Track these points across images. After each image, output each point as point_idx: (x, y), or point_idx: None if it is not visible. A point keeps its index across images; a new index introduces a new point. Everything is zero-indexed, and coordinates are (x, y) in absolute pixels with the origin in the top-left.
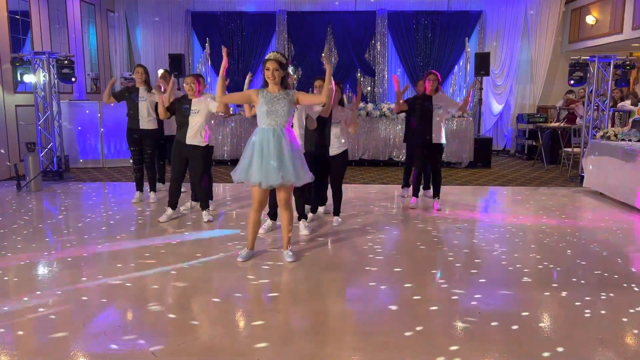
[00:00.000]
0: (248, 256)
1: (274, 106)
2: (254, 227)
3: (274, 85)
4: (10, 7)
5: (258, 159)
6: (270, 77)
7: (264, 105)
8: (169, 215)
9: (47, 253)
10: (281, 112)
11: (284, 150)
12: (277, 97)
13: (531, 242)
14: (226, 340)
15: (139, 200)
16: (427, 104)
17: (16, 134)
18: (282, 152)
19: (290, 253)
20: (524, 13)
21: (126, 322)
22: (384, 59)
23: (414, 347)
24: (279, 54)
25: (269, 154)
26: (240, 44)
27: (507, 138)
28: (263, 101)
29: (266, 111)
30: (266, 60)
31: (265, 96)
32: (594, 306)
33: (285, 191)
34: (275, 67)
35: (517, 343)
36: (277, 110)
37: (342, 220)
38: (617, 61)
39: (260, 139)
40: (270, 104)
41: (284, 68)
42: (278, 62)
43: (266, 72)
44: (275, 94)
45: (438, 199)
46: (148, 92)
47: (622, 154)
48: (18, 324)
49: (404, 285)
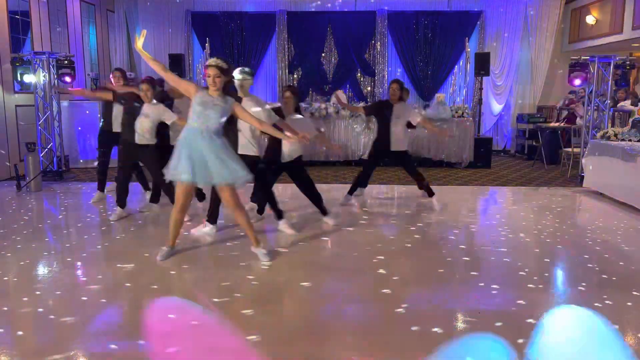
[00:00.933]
0: (168, 254)
1: (206, 110)
2: (176, 227)
3: (215, 91)
4: (10, 7)
5: (185, 157)
6: (211, 83)
7: (198, 105)
8: (119, 215)
9: (47, 253)
10: (212, 118)
11: (213, 150)
12: (213, 102)
13: (531, 242)
14: (226, 340)
15: (98, 200)
16: (387, 112)
17: (16, 134)
18: (210, 152)
19: (264, 252)
20: (524, 13)
21: (126, 322)
22: (384, 59)
23: (414, 347)
24: (221, 59)
25: (197, 152)
26: (240, 44)
27: (507, 138)
28: (199, 101)
29: (198, 112)
30: (207, 66)
31: (202, 97)
32: (594, 306)
33: (226, 192)
34: (216, 73)
35: (517, 343)
36: (207, 115)
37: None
38: (617, 61)
39: (188, 138)
40: (204, 106)
41: (225, 74)
42: (219, 69)
43: (207, 78)
44: (212, 99)
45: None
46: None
47: (622, 154)
48: (18, 324)
49: (404, 285)
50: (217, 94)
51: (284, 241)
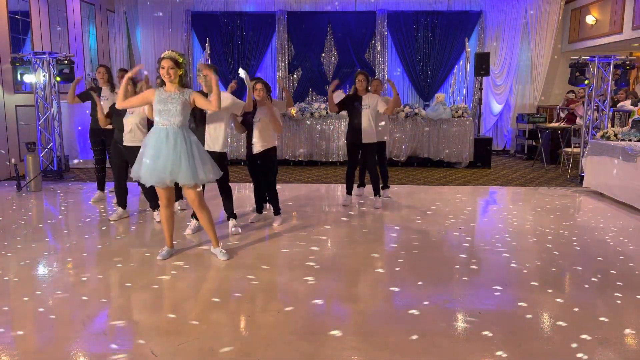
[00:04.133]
0: (168, 254)
1: (166, 105)
2: (168, 223)
3: (170, 84)
4: (10, 7)
5: (148, 159)
6: (165, 75)
7: (157, 104)
8: (120, 215)
9: (47, 253)
10: (173, 112)
11: (178, 150)
12: (171, 96)
13: (531, 242)
14: (226, 340)
15: (98, 199)
16: (357, 104)
17: (16, 134)
18: (176, 152)
19: (223, 251)
20: (524, 13)
21: (126, 322)
22: (384, 59)
23: (414, 347)
24: (175, 52)
25: (160, 153)
26: (240, 44)
27: (507, 138)
28: (157, 100)
29: (159, 110)
30: (161, 59)
31: (159, 94)
32: (594, 306)
33: (191, 192)
34: (170, 65)
35: (517, 343)
36: (169, 110)
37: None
38: (617, 61)
39: (154, 139)
40: (164, 103)
41: (180, 66)
42: (173, 61)
43: (161, 70)
44: (170, 93)
45: (379, 197)
46: (111, 92)
47: (622, 154)
48: (18, 324)
49: (404, 285)
50: (174, 87)
51: (284, 241)
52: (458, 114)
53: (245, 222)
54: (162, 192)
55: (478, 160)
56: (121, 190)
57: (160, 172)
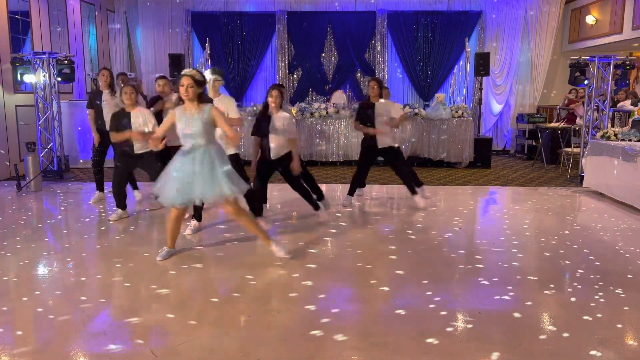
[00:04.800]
0: (168, 255)
1: (188, 127)
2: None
3: (189, 103)
4: (10, 7)
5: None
6: (184, 94)
7: (180, 127)
8: (119, 215)
9: (47, 253)
10: (197, 132)
11: (204, 171)
12: (192, 117)
13: (531, 242)
14: (226, 340)
15: (98, 199)
16: (370, 111)
17: (16, 134)
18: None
19: (278, 247)
20: (524, 13)
21: (126, 322)
22: (384, 59)
23: (414, 347)
24: (196, 70)
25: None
26: (240, 44)
27: (507, 138)
28: (180, 123)
29: (182, 132)
30: (181, 76)
31: (179, 115)
32: (594, 306)
33: (228, 206)
34: (190, 83)
35: (517, 343)
36: (191, 133)
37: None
38: (617, 61)
39: (179, 161)
40: (186, 125)
41: (199, 85)
42: (193, 79)
43: (180, 88)
44: (190, 114)
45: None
46: (111, 95)
47: (622, 154)
48: (18, 324)
49: (404, 285)
50: (193, 105)
51: (283, 241)
52: (458, 114)
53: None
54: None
55: (478, 160)
56: (121, 194)
57: (186, 194)
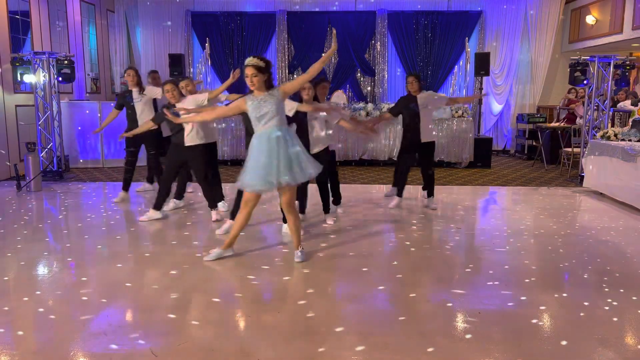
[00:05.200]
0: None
1: (261, 110)
2: (243, 224)
3: (257, 91)
4: (10, 7)
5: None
6: (250, 84)
7: (252, 111)
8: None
9: (47, 253)
10: (270, 114)
11: (280, 152)
12: (263, 99)
13: (531, 242)
14: (226, 340)
15: (122, 199)
16: (413, 104)
17: (16, 134)
18: (278, 154)
19: (298, 253)
20: (524, 13)
21: (126, 322)
22: (384, 59)
23: (414, 347)
24: (257, 58)
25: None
26: (240, 44)
27: (507, 138)
28: (251, 107)
29: (255, 117)
30: (245, 66)
31: (252, 101)
32: (594, 306)
33: (287, 193)
34: (253, 72)
35: (517, 343)
36: (266, 113)
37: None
38: (617, 61)
39: (256, 145)
40: (258, 109)
41: (263, 72)
42: (256, 68)
43: (246, 79)
44: (260, 97)
45: (432, 198)
46: (140, 94)
47: (622, 154)
48: (18, 324)
49: (404, 285)
50: (262, 92)
51: (284, 241)
52: (458, 114)
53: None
54: (250, 200)
55: (478, 160)
56: (167, 192)
57: (265, 177)
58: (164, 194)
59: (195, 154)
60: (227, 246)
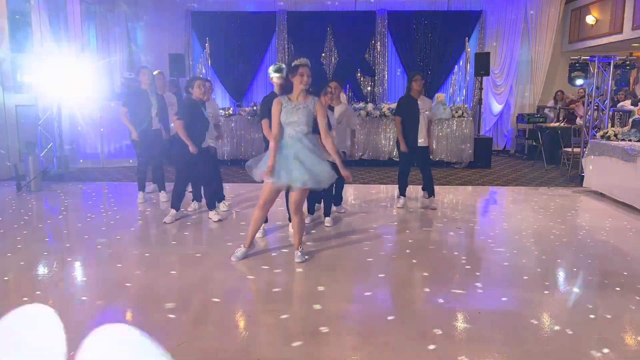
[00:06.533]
0: (243, 255)
1: (292, 116)
2: (258, 224)
3: (300, 92)
4: (10, 7)
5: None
6: (305, 81)
7: (284, 115)
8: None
9: (47, 253)
10: (301, 121)
11: (300, 155)
12: (297, 107)
13: (531, 242)
14: (226, 340)
15: (143, 200)
16: (414, 106)
17: (16, 134)
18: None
19: (298, 253)
20: (524, 13)
21: (126, 322)
22: (384, 59)
23: (414, 347)
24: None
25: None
26: (240, 44)
27: (507, 138)
28: (285, 111)
29: (285, 122)
30: (298, 65)
31: (287, 106)
32: (594, 306)
33: (297, 194)
34: (309, 72)
35: (517, 343)
36: (295, 121)
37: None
38: (617, 61)
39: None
40: (290, 114)
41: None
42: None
43: (299, 77)
44: (295, 104)
45: (433, 197)
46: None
47: (622, 154)
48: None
49: (404, 285)
50: (302, 96)
51: (284, 241)
52: (458, 114)
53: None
54: (267, 194)
55: (478, 160)
56: (182, 193)
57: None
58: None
59: (208, 155)
60: (249, 244)
